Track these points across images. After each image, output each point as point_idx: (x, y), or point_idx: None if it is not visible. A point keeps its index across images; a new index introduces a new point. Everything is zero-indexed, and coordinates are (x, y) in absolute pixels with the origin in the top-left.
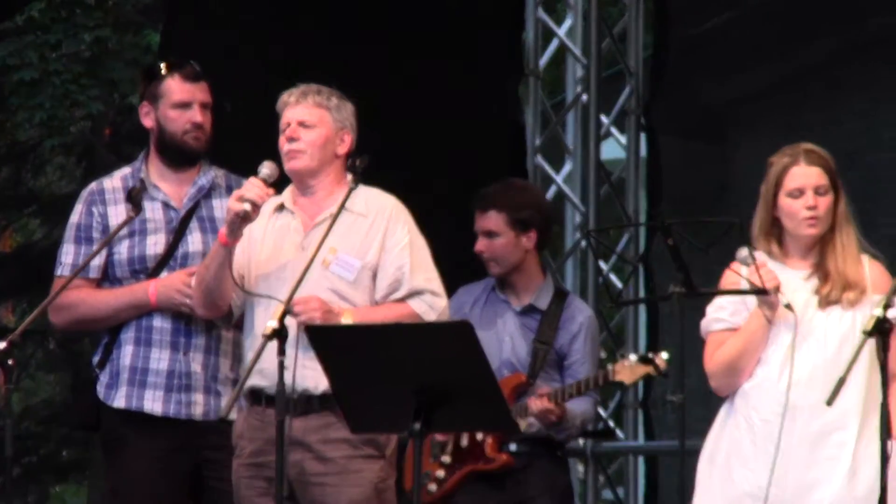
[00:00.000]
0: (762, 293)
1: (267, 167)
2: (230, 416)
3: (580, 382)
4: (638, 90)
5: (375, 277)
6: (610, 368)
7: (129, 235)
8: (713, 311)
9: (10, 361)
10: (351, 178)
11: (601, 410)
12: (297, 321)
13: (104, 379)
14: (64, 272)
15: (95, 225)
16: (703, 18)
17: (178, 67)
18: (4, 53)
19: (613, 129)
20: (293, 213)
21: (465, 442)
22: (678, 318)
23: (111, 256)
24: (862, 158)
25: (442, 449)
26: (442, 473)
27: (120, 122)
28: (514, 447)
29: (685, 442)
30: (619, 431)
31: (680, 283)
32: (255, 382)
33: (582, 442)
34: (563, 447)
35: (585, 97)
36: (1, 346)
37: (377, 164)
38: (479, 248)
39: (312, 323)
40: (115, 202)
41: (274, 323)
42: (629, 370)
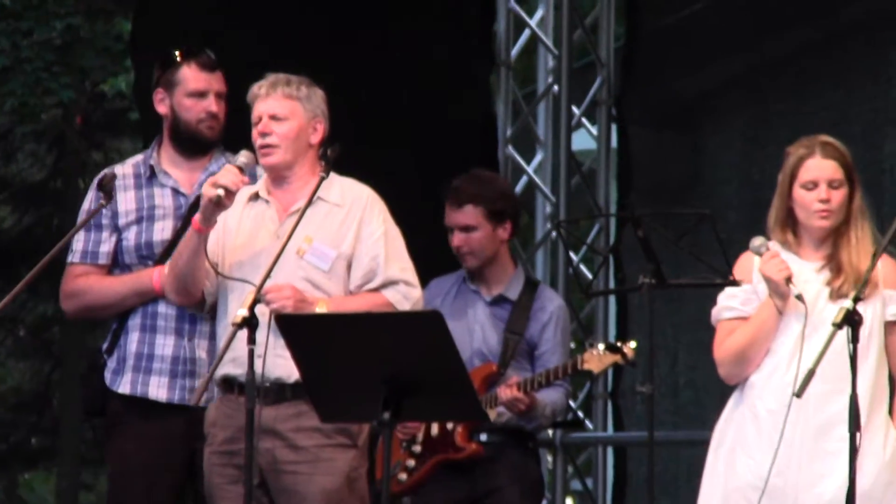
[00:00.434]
0: (733, 285)
1: (244, 156)
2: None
3: (549, 371)
4: (609, 81)
5: (350, 267)
6: (579, 357)
7: (137, 221)
8: (724, 299)
9: None
10: (322, 167)
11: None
12: (269, 309)
13: (111, 365)
14: (74, 259)
15: (105, 212)
16: (673, 9)
17: (193, 56)
18: None
19: (584, 119)
20: (268, 202)
21: (435, 431)
22: (648, 309)
23: (120, 243)
24: None
25: (413, 439)
26: (413, 463)
27: (91, 109)
28: (484, 437)
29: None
30: (587, 422)
31: (650, 274)
32: (228, 371)
33: (551, 432)
34: (534, 438)
35: (557, 88)
36: None
37: (349, 155)
38: (456, 243)
39: (284, 311)
40: (125, 188)
41: (244, 311)
42: (597, 359)
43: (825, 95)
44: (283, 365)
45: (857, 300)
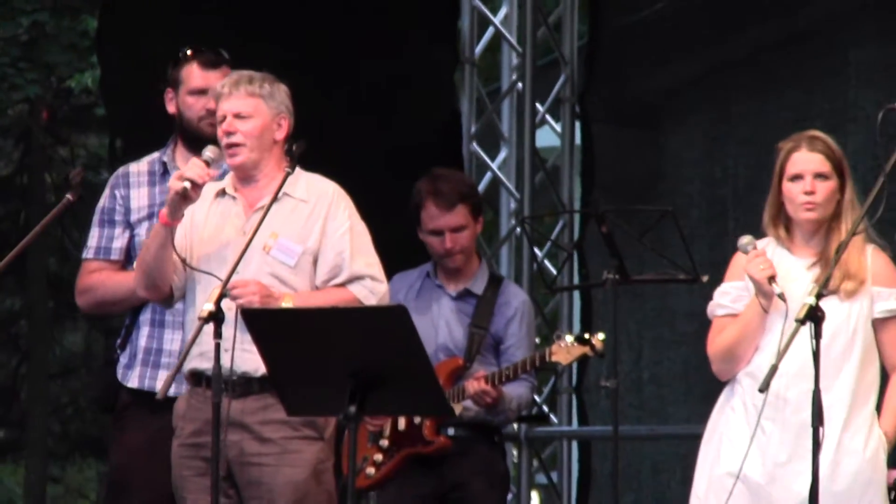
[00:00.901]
0: (694, 281)
1: (211, 150)
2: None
3: (517, 364)
4: (573, 78)
5: (316, 262)
6: (547, 350)
7: (149, 217)
8: (718, 296)
9: None
10: (287, 162)
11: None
12: (235, 304)
13: (123, 360)
14: (88, 255)
15: (118, 208)
16: (636, 8)
17: (198, 54)
18: None
19: (548, 116)
20: (235, 198)
21: (402, 425)
22: (612, 304)
23: (133, 238)
24: None
25: (380, 433)
26: (380, 457)
27: (57, 105)
28: (452, 432)
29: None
30: (552, 416)
31: (614, 269)
32: (196, 365)
33: (516, 426)
34: (500, 433)
35: (521, 85)
36: None
37: (314, 151)
38: (449, 244)
39: (250, 306)
40: (138, 185)
41: (210, 306)
42: (566, 351)
43: (786, 94)
44: (250, 359)
45: (819, 297)
